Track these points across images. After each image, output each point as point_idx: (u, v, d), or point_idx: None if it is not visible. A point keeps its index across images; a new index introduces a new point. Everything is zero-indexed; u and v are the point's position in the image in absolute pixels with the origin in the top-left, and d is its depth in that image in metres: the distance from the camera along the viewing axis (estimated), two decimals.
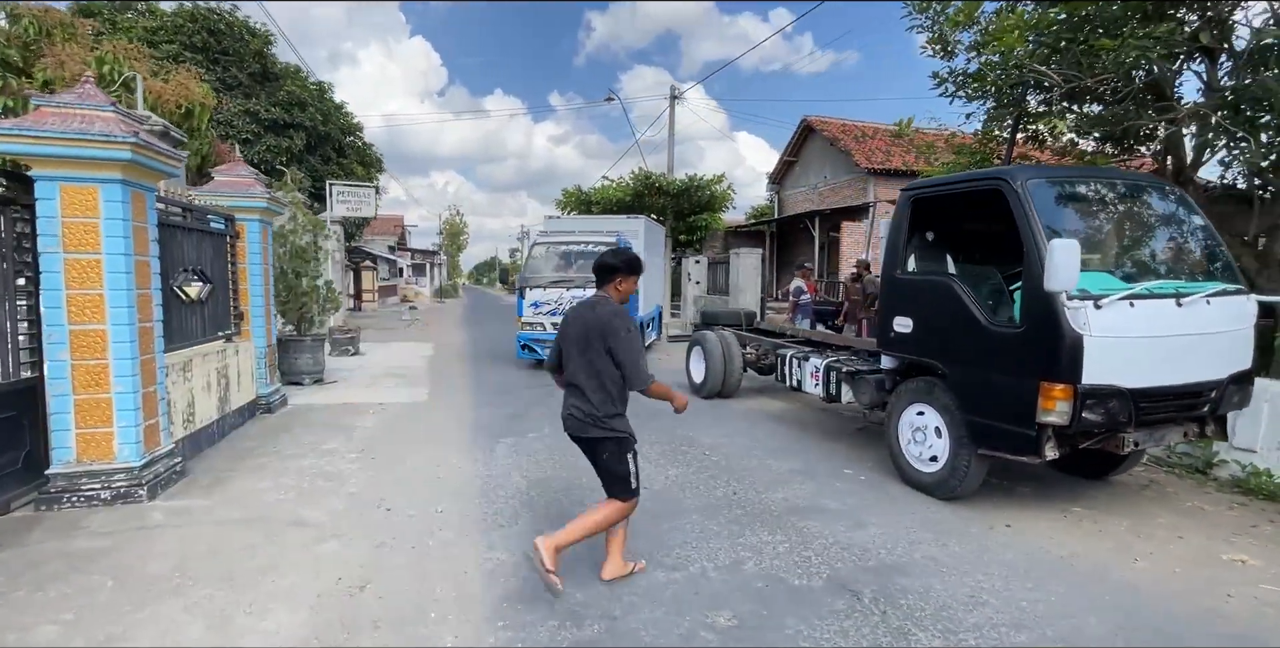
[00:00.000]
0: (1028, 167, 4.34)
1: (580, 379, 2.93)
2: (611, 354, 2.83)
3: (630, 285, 3.01)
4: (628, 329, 2.84)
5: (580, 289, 9.04)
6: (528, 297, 9.32)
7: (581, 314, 2.96)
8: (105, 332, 3.79)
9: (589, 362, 2.88)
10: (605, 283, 2.99)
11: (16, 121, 3.52)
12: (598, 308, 2.91)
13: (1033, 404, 3.46)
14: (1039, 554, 3.39)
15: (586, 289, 8.68)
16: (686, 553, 3.34)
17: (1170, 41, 4.98)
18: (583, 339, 2.88)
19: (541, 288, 9.29)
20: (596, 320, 2.85)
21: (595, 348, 2.84)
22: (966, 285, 3.97)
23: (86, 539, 3.32)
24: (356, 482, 4.41)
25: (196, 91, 8.66)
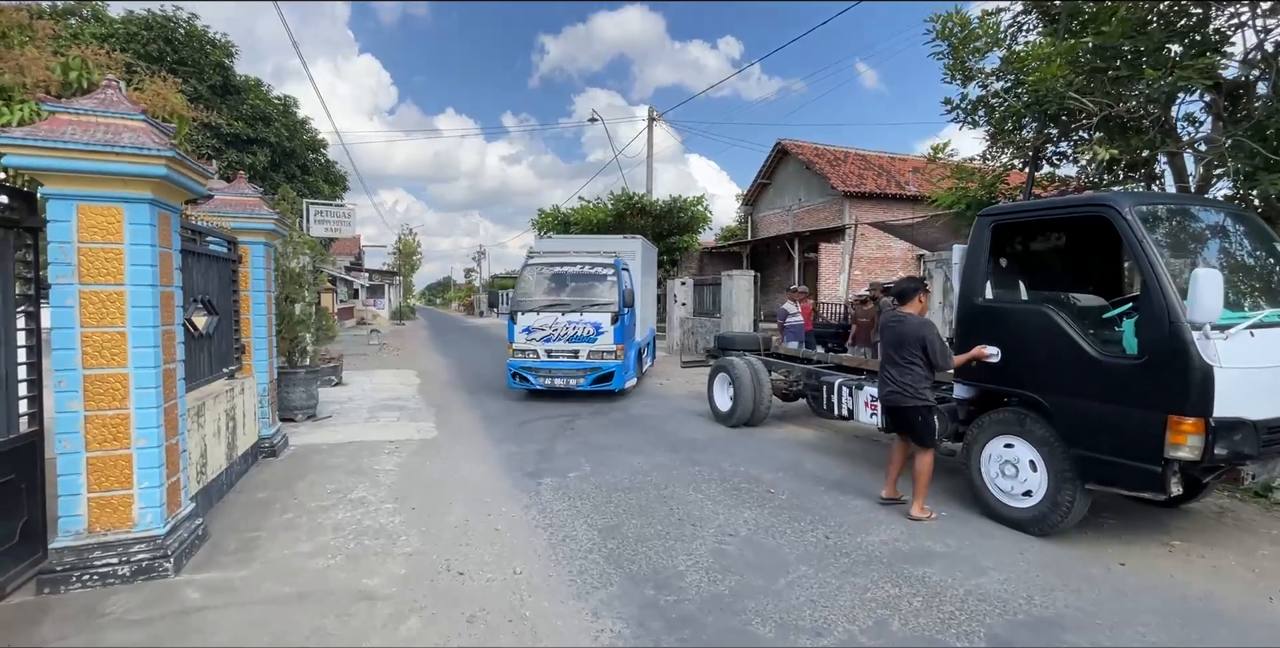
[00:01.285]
0: (1130, 193, 4.31)
1: (895, 371, 4.29)
2: (926, 351, 4.18)
3: (926, 302, 4.48)
4: (935, 333, 4.20)
5: (577, 314, 8.55)
6: (519, 322, 8.70)
7: (894, 327, 4.35)
8: (127, 376, 3.23)
9: (904, 357, 4.25)
10: (909, 300, 4.40)
11: (29, 130, 2.99)
12: (905, 322, 4.28)
13: (1159, 438, 3.33)
14: (1176, 598, 3.22)
15: (584, 314, 8.51)
16: (819, 614, 3.02)
17: (1212, 73, 5.11)
18: (897, 343, 4.29)
19: (534, 312, 8.69)
20: (910, 330, 4.22)
21: (909, 348, 4.21)
22: (1064, 314, 3.85)
23: (118, 632, 2.74)
24: (408, 540, 3.91)
25: (175, 102, 7.98)
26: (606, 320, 8.51)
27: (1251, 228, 4.07)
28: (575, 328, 8.51)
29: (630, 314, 8.97)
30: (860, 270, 19.01)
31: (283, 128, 17.09)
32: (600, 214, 18.71)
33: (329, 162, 21.17)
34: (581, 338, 8.51)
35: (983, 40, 7.11)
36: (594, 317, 8.52)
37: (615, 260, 9.10)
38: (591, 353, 8.53)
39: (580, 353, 8.55)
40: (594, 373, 8.50)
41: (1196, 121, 6.66)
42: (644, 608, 3.07)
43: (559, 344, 8.56)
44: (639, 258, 10.56)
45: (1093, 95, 5.99)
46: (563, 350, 8.57)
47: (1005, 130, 7.78)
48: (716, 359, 7.95)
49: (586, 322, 8.51)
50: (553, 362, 8.59)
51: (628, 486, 5.06)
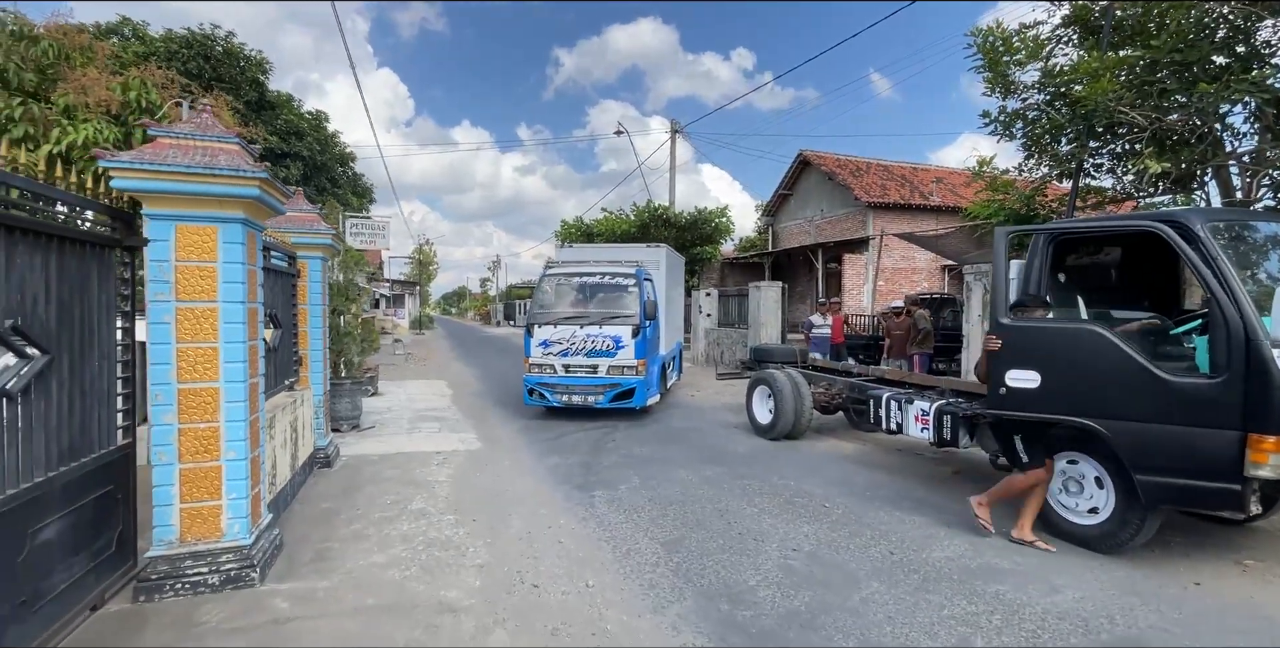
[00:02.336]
0: (1201, 209, 4.31)
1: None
2: None
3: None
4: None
5: (596, 327, 8.13)
6: (536, 335, 8.30)
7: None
8: (218, 390, 3.33)
9: None
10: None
11: (135, 154, 3.12)
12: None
13: (1238, 458, 3.31)
14: (1261, 619, 3.18)
15: (603, 327, 8.11)
16: (900, 631, 3.02)
17: (1264, 88, 5.11)
18: None
19: (551, 325, 8.28)
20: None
21: None
22: (1121, 334, 3.84)
23: (219, 640, 2.82)
24: (475, 552, 3.96)
25: (227, 120, 8.22)
26: (627, 334, 8.13)
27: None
28: (594, 341, 8.14)
29: (653, 327, 8.62)
30: (884, 281, 18.96)
31: (314, 142, 17.43)
32: (623, 225, 18.84)
33: (356, 174, 21.52)
34: (601, 352, 8.14)
35: (1023, 53, 7.14)
36: (614, 330, 8.13)
37: (637, 270, 8.70)
38: (611, 368, 8.14)
39: (599, 368, 8.16)
40: (613, 389, 8.11)
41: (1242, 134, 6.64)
42: (722, 624, 3.09)
43: (577, 359, 8.18)
44: (663, 267, 10.28)
45: (1141, 109, 6.01)
46: (581, 365, 8.18)
47: (1044, 143, 7.80)
48: (754, 372, 7.98)
49: (606, 335, 8.13)
50: (570, 377, 8.20)
51: (680, 499, 5.09)
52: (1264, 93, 5.03)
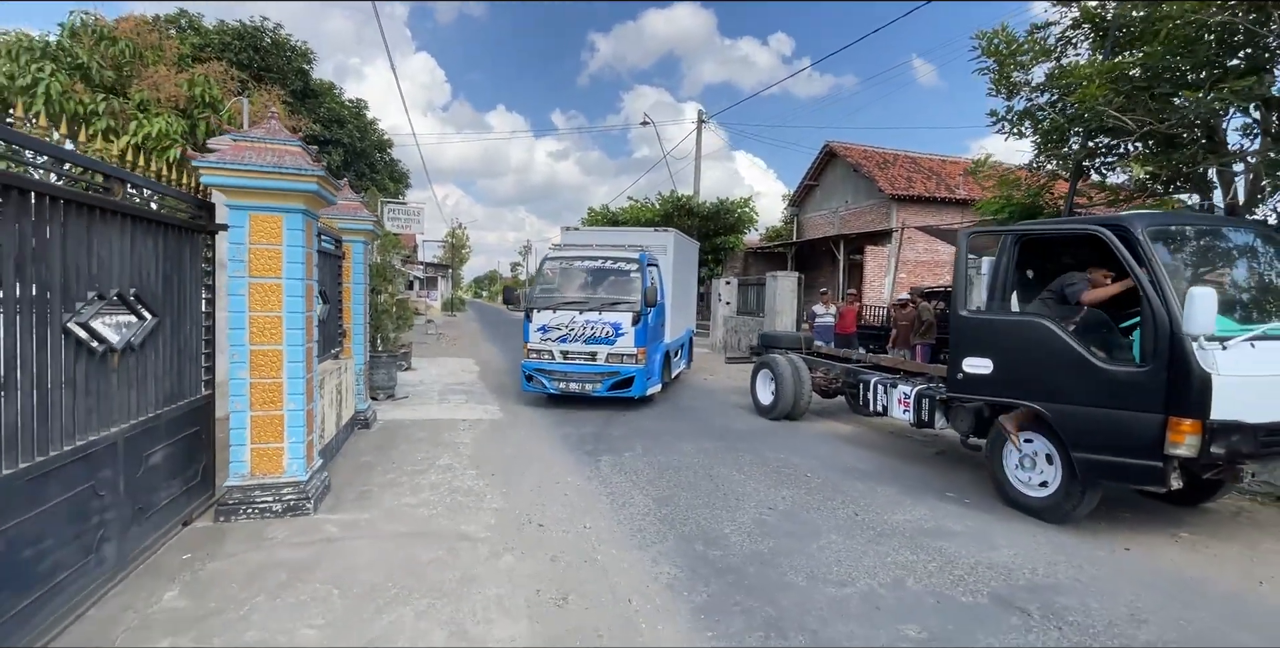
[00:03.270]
0: (1145, 213, 4.65)
1: None
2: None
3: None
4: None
5: (595, 313, 7.91)
6: (534, 320, 8.12)
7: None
8: (281, 351, 4.01)
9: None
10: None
11: (219, 156, 3.77)
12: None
13: (1160, 438, 3.73)
14: (1173, 577, 3.62)
15: (603, 313, 7.90)
16: (847, 571, 3.55)
17: (1251, 95, 5.36)
18: None
19: (550, 310, 8.08)
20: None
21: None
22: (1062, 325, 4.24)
23: (286, 551, 3.51)
24: (493, 498, 4.61)
25: (280, 112, 8.95)
26: (627, 321, 7.86)
27: (1268, 245, 4.37)
28: (593, 328, 7.91)
29: (656, 314, 8.37)
30: (906, 274, 19.10)
31: (355, 129, 18.28)
32: (648, 214, 19.31)
33: (393, 160, 22.40)
34: (599, 339, 7.90)
35: (1029, 55, 7.39)
36: (613, 316, 7.88)
37: (640, 255, 8.45)
38: (610, 356, 7.91)
39: (598, 355, 7.93)
40: (611, 378, 7.88)
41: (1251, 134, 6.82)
42: (695, 560, 3.67)
43: (575, 345, 7.96)
44: (671, 253, 9.91)
45: (1134, 113, 6.27)
46: (579, 352, 7.97)
47: (1051, 142, 8.04)
48: (760, 356, 8.47)
49: (605, 321, 7.89)
50: (568, 364, 7.99)
51: (677, 465, 5.66)
52: (1245, 100, 5.27)
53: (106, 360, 2.89)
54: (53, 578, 2.52)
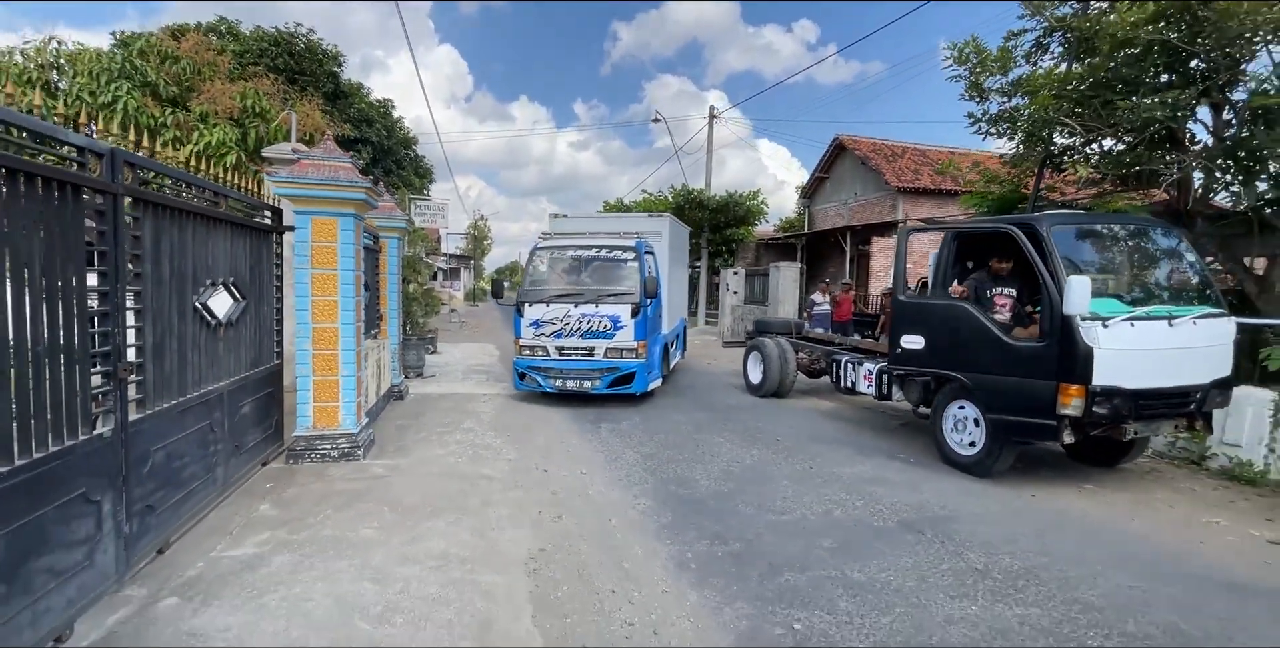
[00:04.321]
0: (1052, 213, 5.35)
1: None
2: None
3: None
4: None
5: (592, 306, 7.48)
6: (526, 314, 7.66)
7: None
8: (337, 329, 4.98)
9: None
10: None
11: (290, 172, 4.73)
12: None
13: (1054, 401, 4.50)
14: (1058, 515, 4.41)
15: (600, 306, 7.49)
16: (788, 505, 4.42)
17: (1178, 105, 6.00)
18: None
19: (543, 304, 7.63)
20: None
21: None
22: (979, 307, 5.01)
23: (343, 484, 4.49)
24: (508, 452, 5.55)
25: (318, 121, 9.97)
26: (626, 313, 7.46)
27: (1168, 240, 5.08)
28: (590, 322, 7.49)
29: (655, 305, 8.02)
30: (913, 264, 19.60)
31: (382, 128, 19.32)
32: (661, 206, 20.08)
33: (418, 156, 23.47)
34: (597, 333, 7.50)
35: (997, 64, 8.02)
36: (611, 309, 7.48)
37: (637, 242, 7.96)
38: (609, 350, 7.52)
39: (596, 351, 7.53)
40: (611, 374, 7.51)
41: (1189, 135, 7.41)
42: (667, 496, 4.56)
43: (571, 340, 7.54)
44: (666, 239, 9.44)
45: (1083, 118, 6.92)
46: (575, 348, 7.56)
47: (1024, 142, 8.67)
48: (752, 340, 9.29)
49: (603, 314, 7.48)
50: (564, 360, 7.58)
51: (667, 431, 6.55)
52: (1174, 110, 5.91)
53: (216, 332, 3.86)
54: (190, 485, 3.50)
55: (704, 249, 21.04)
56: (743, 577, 3.32)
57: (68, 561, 2.46)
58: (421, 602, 2.92)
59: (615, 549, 3.62)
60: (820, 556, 3.59)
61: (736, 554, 3.60)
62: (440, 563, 3.33)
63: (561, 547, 3.63)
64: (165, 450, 3.21)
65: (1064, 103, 6.73)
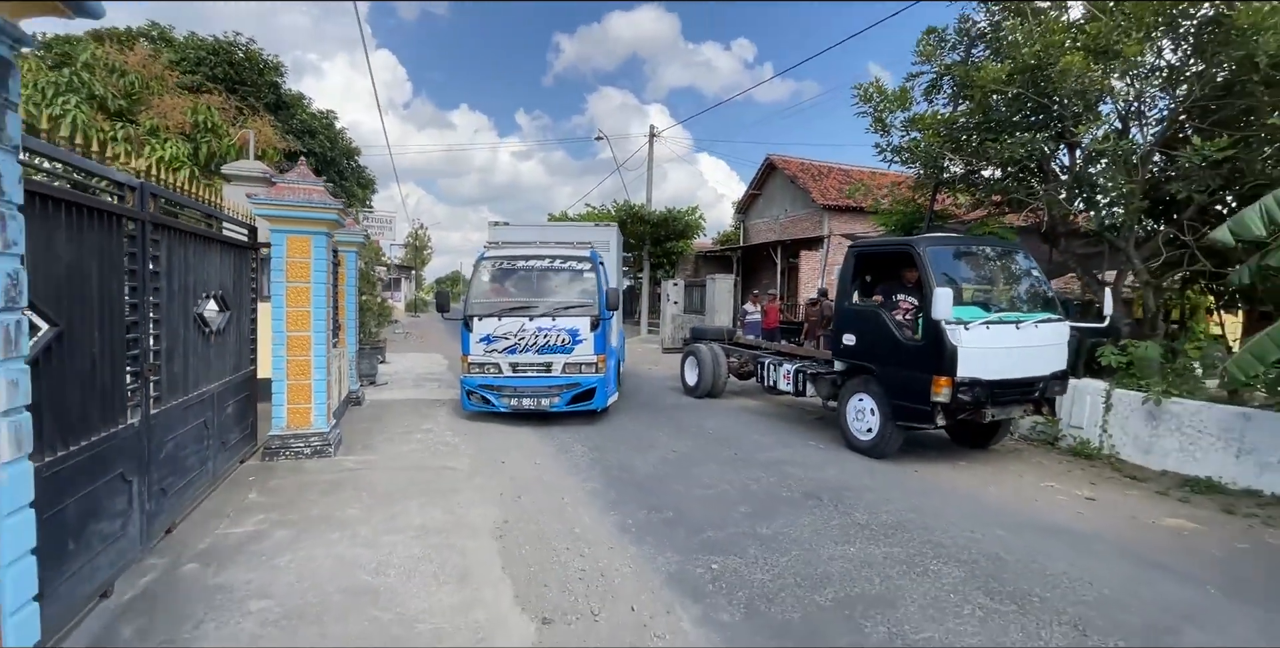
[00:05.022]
0: (927, 237, 6.42)
1: None
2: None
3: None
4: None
5: (549, 319, 7.14)
6: (476, 329, 7.16)
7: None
8: (309, 337, 5.45)
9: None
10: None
11: (267, 194, 5.21)
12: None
13: (928, 390, 5.49)
14: (932, 484, 5.38)
15: (557, 319, 7.17)
16: (713, 482, 5.20)
17: (1032, 147, 7.25)
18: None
19: (495, 317, 7.17)
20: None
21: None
22: (889, 312, 6.03)
23: (321, 476, 4.97)
24: (467, 448, 6.13)
25: (271, 137, 10.22)
26: (585, 326, 7.21)
27: (1020, 259, 6.24)
28: (547, 336, 7.14)
29: (612, 317, 7.78)
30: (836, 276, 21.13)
31: (325, 139, 19.33)
32: (605, 220, 20.86)
33: (360, 167, 23.43)
34: (555, 348, 7.17)
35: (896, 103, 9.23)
36: (570, 322, 7.19)
37: (592, 252, 7.76)
38: (568, 366, 7.22)
39: (554, 366, 7.21)
40: (571, 390, 7.22)
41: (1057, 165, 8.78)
42: (612, 479, 5.27)
43: (527, 356, 7.16)
44: (614, 250, 9.16)
45: (965, 153, 8.16)
46: (532, 364, 7.19)
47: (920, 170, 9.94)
48: (688, 346, 10.13)
49: (561, 328, 7.16)
50: (520, 378, 7.19)
51: (612, 428, 7.26)
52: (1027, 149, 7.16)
53: (209, 339, 4.32)
54: (190, 474, 3.96)
55: (646, 261, 21.93)
56: (673, 535, 4.07)
57: (111, 528, 2.95)
58: (409, 559, 3.53)
59: (568, 520, 4.31)
60: (736, 518, 4.39)
61: (668, 520, 4.35)
62: (420, 533, 3.93)
63: (522, 518, 4.28)
64: (174, 441, 3.69)
65: (947, 140, 7.92)
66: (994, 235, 8.66)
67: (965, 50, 9.05)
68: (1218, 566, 3.83)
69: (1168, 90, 7.61)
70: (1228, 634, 2.99)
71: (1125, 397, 6.28)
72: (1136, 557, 3.91)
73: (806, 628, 2.97)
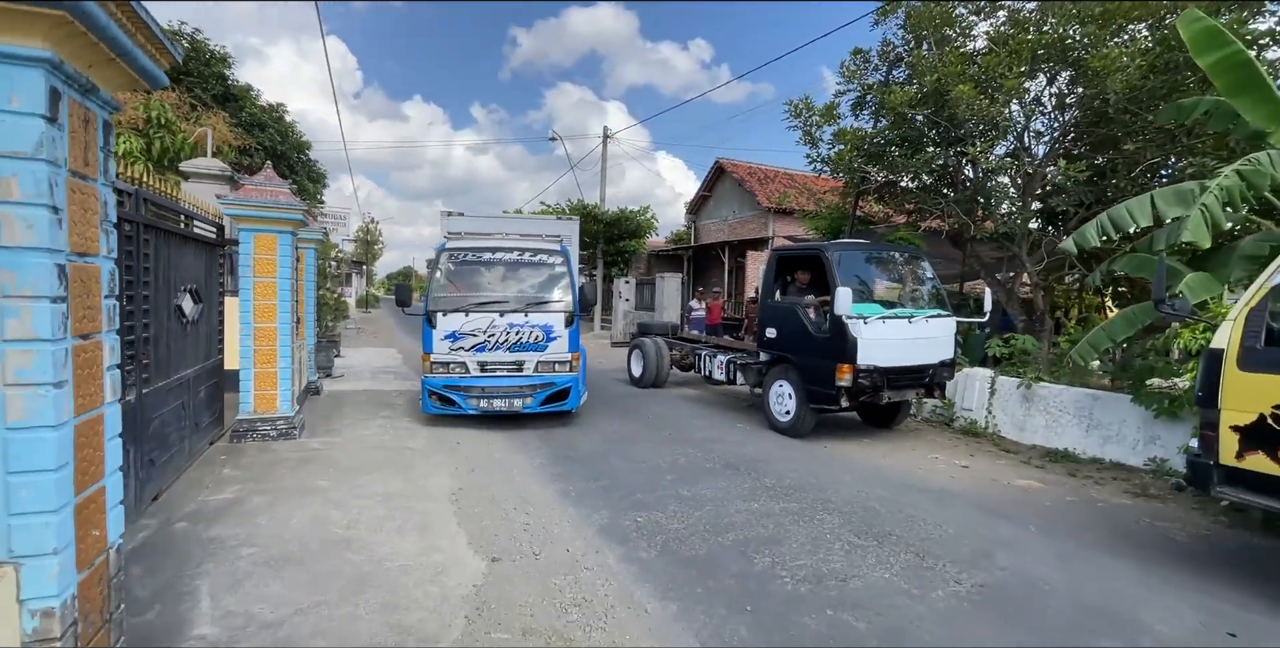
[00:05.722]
0: (835, 243, 7.29)
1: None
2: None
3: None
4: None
5: (521, 315, 6.86)
6: (440, 325, 6.72)
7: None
8: (275, 328, 5.89)
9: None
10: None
11: (236, 196, 5.62)
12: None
13: (834, 376, 6.33)
14: (836, 457, 6.22)
15: (529, 315, 6.90)
16: (647, 457, 5.90)
17: (930, 163, 8.23)
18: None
19: (462, 313, 6.75)
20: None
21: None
22: (804, 308, 6.85)
23: (289, 454, 5.44)
24: (424, 432, 6.66)
25: (225, 133, 10.38)
26: (560, 323, 6.98)
27: (918, 262, 7.16)
28: (519, 333, 6.84)
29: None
30: None
31: (275, 133, 19.19)
32: None
33: (310, 161, 23.22)
34: (528, 346, 6.89)
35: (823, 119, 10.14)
36: (543, 318, 6.94)
37: (561, 246, 7.55)
38: (540, 364, 6.94)
39: (525, 365, 6.90)
40: (545, 390, 6.94)
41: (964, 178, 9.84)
42: (558, 457, 5.90)
43: (497, 354, 6.82)
44: (576, 244, 8.91)
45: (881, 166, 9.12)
46: (502, 363, 6.85)
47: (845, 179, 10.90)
48: (635, 340, 10.83)
49: (534, 325, 6.90)
50: (489, 377, 6.85)
51: (560, 415, 7.88)
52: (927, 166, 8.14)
53: (186, 328, 4.75)
54: (169, 450, 4.40)
55: (599, 259, 22.54)
56: (607, 498, 4.74)
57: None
58: (375, 518, 4.09)
59: (516, 487, 4.93)
60: (663, 484, 5.10)
61: (605, 487, 5.02)
62: (384, 498, 4.48)
63: (475, 487, 4.88)
64: (160, 419, 4.13)
65: (869, 153, 8.86)
66: (904, 241, 9.66)
67: (887, 71, 10.03)
68: (1045, 513, 4.75)
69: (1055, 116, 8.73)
70: (1029, 556, 3.86)
71: (1006, 383, 7.30)
72: (984, 508, 4.80)
73: (708, 560, 3.69)
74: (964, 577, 3.54)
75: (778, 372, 7.21)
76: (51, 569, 1.58)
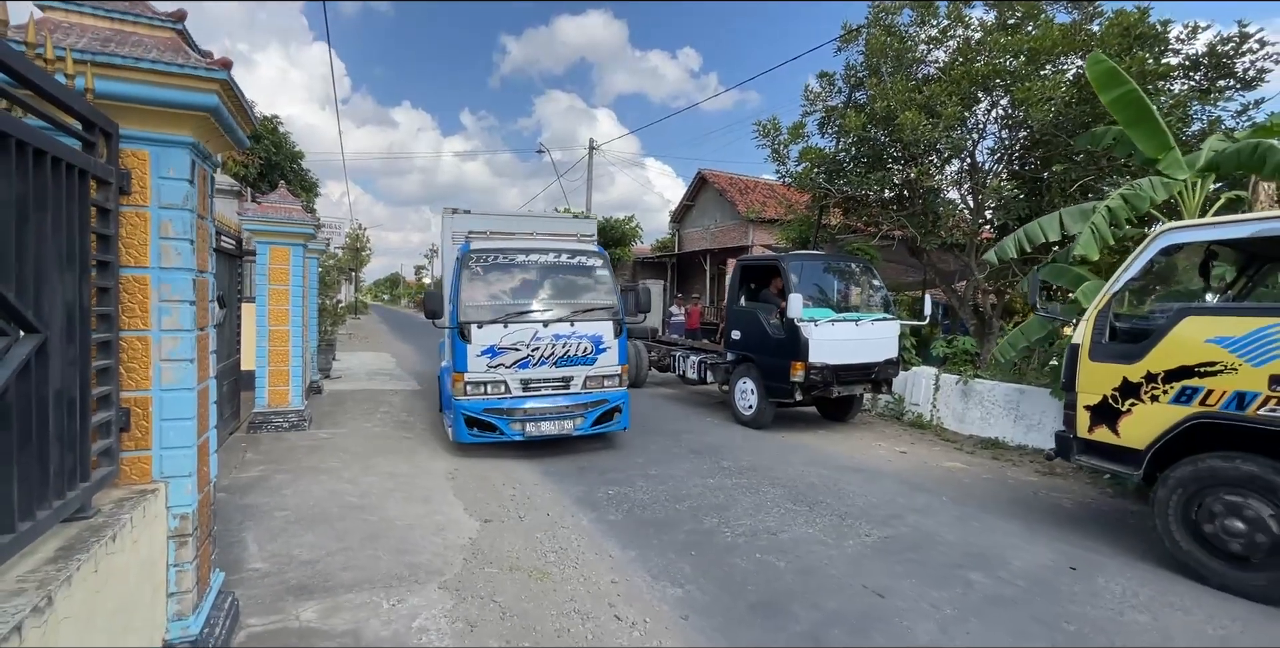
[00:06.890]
0: (792, 254, 8.10)
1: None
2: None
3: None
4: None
5: (567, 324, 6.05)
6: (476, 339, 5.78)
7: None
8: (288, 331, 6.57)
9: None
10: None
11: (256, 212, 6.31)
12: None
13: (789, 372, 7.11)
14: (791, 444, 6.99)
15: (576, 324, 6.09)
16: (633, 447, 6.63)
17: (884, 182, 9.08)
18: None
19: (500, 324, 5.85)
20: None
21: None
22: (763, 313, 7.64)
23: (302, 442, 6.11)
24: (420, 425, 7.35)
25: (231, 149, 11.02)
26: (609, 332, 6.26)
27: (866, 271, 7.99)
28: (566, 345, 6.05)
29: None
30: None
31: (270, 145, 19.79)
32: None
33: (303, 170, 23.82)
34: (575, 359, 6.10)
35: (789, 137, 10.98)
36: (591, 328, 6.17)
37: (598, 247, 6.85)
38: (589, 380, 6.19)
39: (574, 381, 6.13)
40: (597, 409, 6.15)
41: None
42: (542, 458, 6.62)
43: (542, 369, 6.00)
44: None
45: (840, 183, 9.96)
46: (548, 380, 6.04)
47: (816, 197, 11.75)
48: None
49: (581, 335, 6.12)
50: (534, 397, 6.00)
51: None
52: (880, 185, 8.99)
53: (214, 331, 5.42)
54: None
55: None
56: (583, 476, 5.47)
57: None
58: (383, 490, 4.79)
59: (505, 469, 5.65)
60: (633, 465, 5.84)
61: (581, 468, 5.75)
62: (390, 476, 5.18)
63: (469, 468, 5.59)
64: None
65: (832, 170, 9.70)
66: (861, 252, 10.51)
67: (849, 94, 10.90)
68: (961, 487, 5.54)
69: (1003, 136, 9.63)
70: (933, 518, 4.63)
71: (948, 379, 8.12)
72: (909, 484, 5.57)
73: (665, 521, 4.42)
74: (874, 531, 4.31)
75: (742, 370, 7.98)
76: (187, 486, 2.30)
